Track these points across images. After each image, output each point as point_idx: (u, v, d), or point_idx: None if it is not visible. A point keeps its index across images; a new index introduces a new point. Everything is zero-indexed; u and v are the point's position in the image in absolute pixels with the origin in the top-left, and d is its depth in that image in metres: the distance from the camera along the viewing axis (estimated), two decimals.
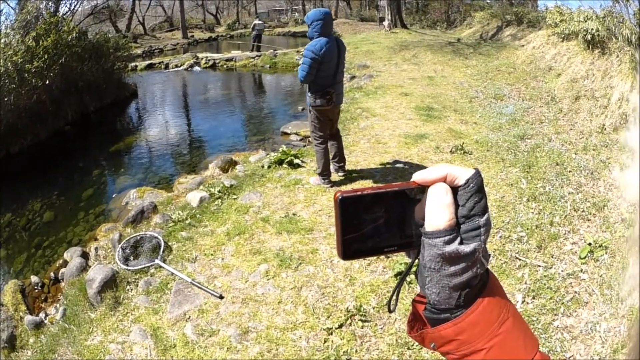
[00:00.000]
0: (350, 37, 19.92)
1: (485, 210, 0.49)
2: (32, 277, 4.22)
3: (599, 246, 3.23)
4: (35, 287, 4.12)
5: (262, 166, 5.49)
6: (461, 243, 0.48)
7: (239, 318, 2.95)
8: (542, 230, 3.62)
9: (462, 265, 0.47)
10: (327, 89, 4.35)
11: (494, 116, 7.05)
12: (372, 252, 0.52)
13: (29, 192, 6.34)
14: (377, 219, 0.51)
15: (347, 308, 2.94)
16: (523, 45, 12.03)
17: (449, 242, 0.47)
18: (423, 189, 0.51)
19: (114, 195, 5.95)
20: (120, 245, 3.92)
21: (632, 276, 2.72)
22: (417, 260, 0.53)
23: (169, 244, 3.89)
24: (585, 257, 3.20)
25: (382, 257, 3.31)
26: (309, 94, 4.41)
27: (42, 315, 3.64)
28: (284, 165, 5.37)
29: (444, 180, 0.50)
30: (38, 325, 3.43)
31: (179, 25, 32.70)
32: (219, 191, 4.73)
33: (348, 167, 5.10)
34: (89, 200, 6.01)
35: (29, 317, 3.48)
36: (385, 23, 21.25)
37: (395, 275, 3.17)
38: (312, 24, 4.22)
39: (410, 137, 6.11)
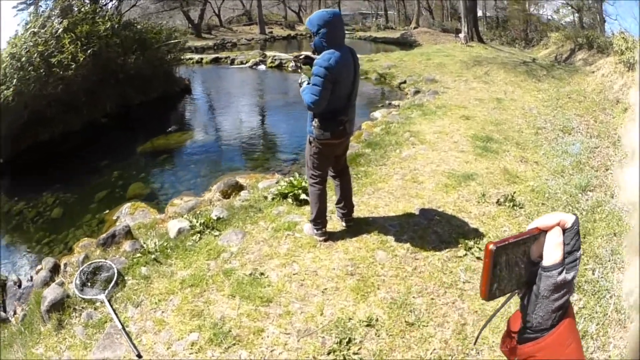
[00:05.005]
0: (427, 47, 19.96)
1: (580, 245, 0.65)
2: (12, 275, 4.41)
3: None
4: (15, 284, 4.30)
5: (266, 197, 5.06)
6: (564, 272, 0.63)
7: None
8: None
9: (563, 291, 0.63)
10: (339, 117, 3.41)
11: (559, 155, 6.33)
12: (507, 291, 0.65)
13: (46, 183, 6.53)
14: (511, 262, 0.63)
15: None
16: (593, 72, 11.44)
17: (560, 273, 0.63)
18: (541, 232, 0.65)
19: (107, 212, 5.68)
20: (81, 269, 3.85)
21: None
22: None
23: (126, 278, 3.73)
24: None
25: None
26: (314, 123, 3.44)
27: (10, 312, 3.91)
28: (288, 200, 4.89)
29: (559, 224, 0.65)
30: (4, 321, 3.75)
31: (257, 20, 32.58)
32: (201, 224, 4.43)
33: (363, 210, 4.36)
34: (99, 203, 6.00)
35: None
36: (462, 35, 20.52)
37: None
38: (319, 31, 3.24)
39: (455, 176, 5.31)
